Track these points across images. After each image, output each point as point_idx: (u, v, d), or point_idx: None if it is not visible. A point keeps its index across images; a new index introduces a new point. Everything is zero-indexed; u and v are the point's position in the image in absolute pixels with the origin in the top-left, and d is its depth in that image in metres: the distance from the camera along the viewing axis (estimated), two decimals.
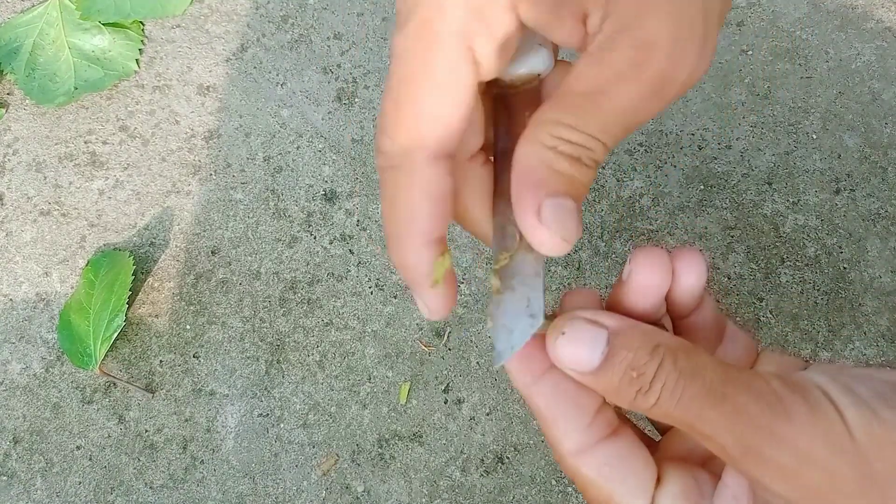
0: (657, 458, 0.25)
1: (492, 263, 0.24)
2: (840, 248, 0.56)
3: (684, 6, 0.21)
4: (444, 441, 0.54)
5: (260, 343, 0.57)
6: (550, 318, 0.25)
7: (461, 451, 0.54)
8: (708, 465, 0.25)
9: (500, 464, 0.53)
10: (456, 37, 0.21)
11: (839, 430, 0.20)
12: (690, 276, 0.25)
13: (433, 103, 0.22)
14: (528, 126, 0.22)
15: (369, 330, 0.57)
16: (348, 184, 0.60)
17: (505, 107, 0.25)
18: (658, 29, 0.21)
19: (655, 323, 0.26)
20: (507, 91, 0.25)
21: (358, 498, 0.53)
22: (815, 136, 0.59)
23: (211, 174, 0.61)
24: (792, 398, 0.21)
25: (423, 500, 0.53)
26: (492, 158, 0.26)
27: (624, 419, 0.25)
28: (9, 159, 0.62)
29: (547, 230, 0.21)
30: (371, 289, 0.57)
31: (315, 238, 0.59)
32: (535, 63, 0.25)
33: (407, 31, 0.21)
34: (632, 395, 0.22)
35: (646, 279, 0.24)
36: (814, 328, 0.55)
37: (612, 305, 0.25)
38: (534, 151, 0.22)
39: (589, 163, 0.22)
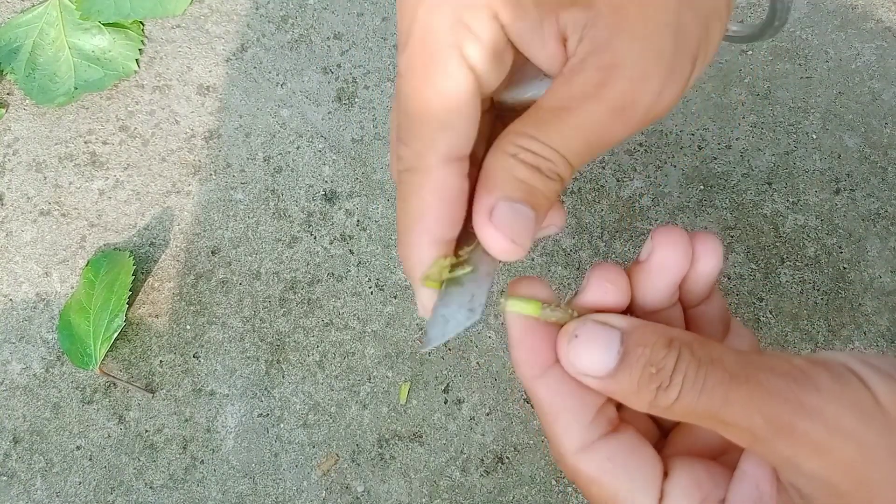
0: (665, 454, 0.25)
1: (451, 258, 0.25)
2: (840, 248, 0.56)
3: (653, 34, 0.21)
4: (444, 441, 0.54)
5: (260, 343, 0.57)
6: (561, 311, 0.24)
7: (461, 451, 0.54)
8: (720, 459, 0.25)
9: (500, 464, 0.53)
10: (449, 48, 0.22)
11: (866, 399, 0.20)
12: (708, 260, 0.25)
13: (438, 109, 0.23)
14: (497, 137, 0.23)
15: (369, 330, 0.57)
16: (348, 184, 0.60)
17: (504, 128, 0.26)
18: (624, 53, 0.21)
19: (667, 312, 0.26)
20: (509, 114, 0.26)
21: (358, 498, 0.53)
22: (814, 136, 0.59)
23: (211, 174, 0.61)
24: (816, 371, 0.21)
25: (423, 500, 0.53)
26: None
27: (626, 417, 0.25)
28: (9, 159, 0.62)
29: (496, 231, 0.22)
30: (371, 289, 0.57)
31: (315, 238, 0.59)
32: (538, 89, 0.26)
33: (408, 50, 0.23)
34: (652, 393, 0.22)
35: (668, 258, 0.25)
36: (814, 328, 0.55)
37: (631, 287, 0.25)
38: (496, 157, 0.23)
39: (550, 174, 0.23)
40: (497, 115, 0.26)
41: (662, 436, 0.27)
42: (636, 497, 0.23)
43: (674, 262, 0.25)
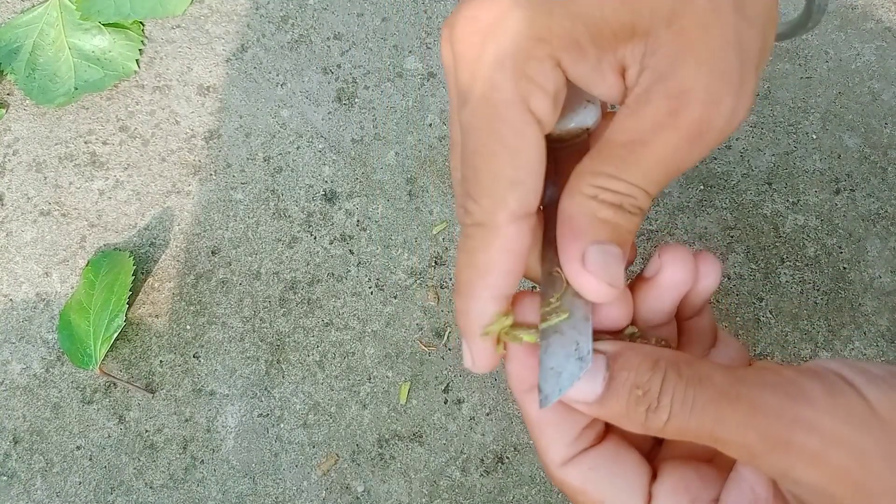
0: (658, 459, 0.25)
1: (541, 305, 0.24)
2: (840, 248, 0.56)
3: (718, 55, 0.21)
4: (444, 441, 0.54)
5: (260, 343, 0.57)
6: None
7: (461, 451, 0.54)
8: (714, 461, 0.25)
9: (500, 464, 0.53)
10: (514, 104, 0.22)
11: (861, 407, 0.20)
12: (709, 279, 0.26)
13: (508, 167, 0.23)
14: (570, 178, 0.23)
15: (369, 330, 0.57)
16: (348, 184, 0.60)
17: (553, 159, 0.25)
18: (692, 78, 0.21)
19: (666, 326, 0.27)
20: (556, 144, 0.26)
21: (358, 498, 0.53)
22: (814, 137, 0.59)
23: (211, 174, 0.61)
24: (808, 383, 0.21)
25: (423, 500, 0.53)
26: (541, 207, 0.26)
27: (616, 428, 0.25)
28: (9, 159, 0.62)
29: (592, 276, 0.22)
30: (371, 289, 0.57)
31: (315, 238, 0.59)
32: (583, 118, 0.25)
33: (471, 106, 0.23)
34: (642, 415, 0.22)
35: (676, 276, 0.25)
36: (814, 328, 0.55)
37: (635, 301, 0.26)
38: (575, 202, 0.23)
39: (632, 209, 0.23)
40: (545, 146, 0.27)
41: (658, 442, 0.27)
42: (623, 501, 0.23)
43: (681, 279, 0.25)
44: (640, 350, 0.23)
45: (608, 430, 0.25)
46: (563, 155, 0.26)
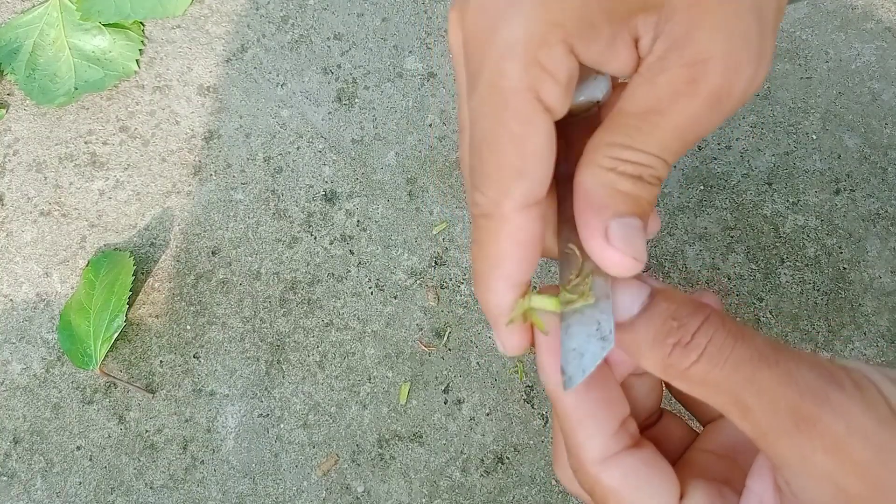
0: (679, 476, 0.25)
1: (561, 286, 0.24)
2: (840, 248, 0.56)
3: (737, 20, 0.21)
4: (444, 441, 0.54)
5: (260, 343, 0.57)
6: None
7: (461, 452, 0.54)
8: (730, 483, 0.25)
9: (500, 464, 0.53)
10: (522, 92, 0.21)
11: (883, 405, 0.20)
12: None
13: (514, 157, 0.22)
14: (585, 152, 0.23)
15: (369, 330, 0.57)
16: (348, 184, 0.60)
17: (564, 134, 0.25)
18: (710, 45, 0.21)
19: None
20: (567, 119, 0.25)
21: (358, 498, 0.53)
22: (814, 137, 0.59)
23: (211, 175, 0.61)
24: (839, 370, 0.21)
25: (423, 500, 0.53)
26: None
27: (644, 437, 0.25)
28: (9, 160, 0.62)
29: (616, 251, 0.22)
30: (371, 289, 0.57)
31: (315, 238, 0.59)
32: (593, 91, 0.25)
33: (478, 93, 0.22)
34: (668, 348, 0.21)
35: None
36: (814, 328, 0.55)
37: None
38: (593, 175, 0.22)
39: (651, 180, 0.22)
40: (556, 122, 0.26)
41: (671, 462, 0.27)
42: None
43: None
44: (687, 295, 0.23)
45: (643, 437, 0.25)
46: (573, 130, 0.25)
